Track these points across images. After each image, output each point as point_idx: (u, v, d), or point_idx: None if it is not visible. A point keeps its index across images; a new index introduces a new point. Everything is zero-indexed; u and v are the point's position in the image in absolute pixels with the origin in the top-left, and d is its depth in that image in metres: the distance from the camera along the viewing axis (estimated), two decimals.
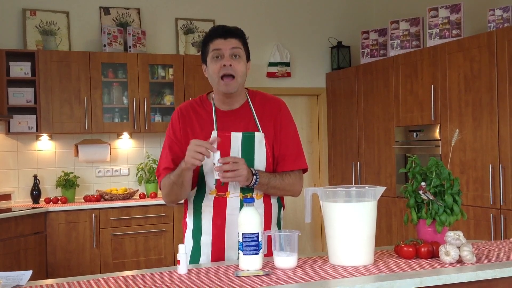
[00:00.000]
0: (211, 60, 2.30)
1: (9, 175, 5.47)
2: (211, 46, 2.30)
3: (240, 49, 2.31)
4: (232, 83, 2.29)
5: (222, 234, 2.33)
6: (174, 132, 2.38)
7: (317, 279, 1.88)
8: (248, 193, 2.32)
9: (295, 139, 2.43)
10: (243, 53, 2.33)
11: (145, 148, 5.92)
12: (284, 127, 2.40)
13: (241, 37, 2.34)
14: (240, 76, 2.30)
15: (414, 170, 2.28)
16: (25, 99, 5.30)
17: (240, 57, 2.30)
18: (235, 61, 2.28)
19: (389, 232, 5.53)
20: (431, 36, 5.06)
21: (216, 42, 2.29)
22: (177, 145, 2.36)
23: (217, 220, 2.33)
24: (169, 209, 5.42)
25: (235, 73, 2.28)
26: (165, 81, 5.81)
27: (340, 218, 2.09)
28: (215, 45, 2.29)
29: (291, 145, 2.40)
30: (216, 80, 2.30)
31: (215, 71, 2.29)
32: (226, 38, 2.28)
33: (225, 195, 2.32)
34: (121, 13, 5.87)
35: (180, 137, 2.36)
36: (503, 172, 4.30)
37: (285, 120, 2.41)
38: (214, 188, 2.32)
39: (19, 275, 1.90)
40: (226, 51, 2.27)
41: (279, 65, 6.40)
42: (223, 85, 2.28)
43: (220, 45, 2.28)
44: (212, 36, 2.31)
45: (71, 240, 5.11)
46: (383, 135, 5.66)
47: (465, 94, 4.65)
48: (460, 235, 2.09)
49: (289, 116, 2.44)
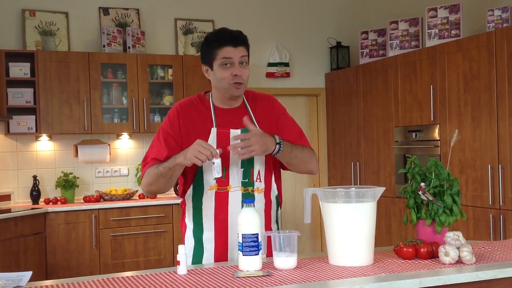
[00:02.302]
0: (219, 66, 2.33)
1: (9, 175, 5.47)
2: (221, 53, 2.31)
3: (247, 56, 2.36)
4: (241, 88, 2.36)
5: (225, 228, 2.34)
6: (172, 126, 2.38)
7: (316, 279, 1.88)
8: (249, 187, 2.35)
9: (294, 125, 2.50)
10: (248, 59, 2.38)
11: (145, 148, 5.92)
12: (280, 118, 2.48)
13: (247, 43, 2.38)
14: (246, 81, 2.37)
15: (413, 171, 2.29)
16: (24, 99, 5.30)
17: (247, 63, 2.36)
18: (243, 68, 2.33)
19: (388, 232, 5.53)
20: (430, 36, 5.07)
21: (226, 50, 2.31)
22: (173, 138, 2.36)
23: (219, 214, 2.35)
24: (169, 210, 5.42)
25: (243, 80, 2.34)
26: (164, 82, 5.81)
27: (339, 218, 2.10)
28: (225, 52, 2.30)
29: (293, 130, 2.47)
30: (226, 85, 2.33)
31: (225, 78, 2.32)
32: (236, 47, 2.31)
33: (226, 189, 2.34)
34: (120, 13, 5.87)
35: (178, 132, 2.37)
36: (502, 172, 4.30)
37: (279, 111, 2.49)
38: (214, 184, 2.34)
39: (19, 276, 1.90)
40: (236, 59, 2.31)
41: (278, 65, 6.40)
42: (234, 89, 2.34)
43: (230, 54, 2.30)
44: (221, 43, 2.31)
45: (71, 241, 5.11)
46: (383, 135, 5.67)
47: (464, 94, 4.66)
48: (460, 236, 2.09)
49: (283, 109, 2.52)
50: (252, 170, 2.36)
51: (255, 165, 2.36)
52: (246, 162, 2.35)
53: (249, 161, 2.35)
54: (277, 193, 2.47)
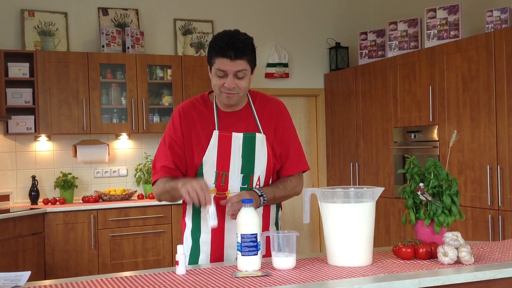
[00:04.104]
0: (214, 74, 2.26)
1: (8, 176, 5.47)
2: (217, 63, 2.22)
3: (245, 70, 2.24)
4: (233, 97, 2.28)
5: (221, 232, 2.34)
6: (175, 131, 2.38)
7: (315, 279, 1.88)
8: None
9: (296, 142, 2.46)
10: (248, 71, 2.27)
11: (144, 148, 5.92)
12: (285, 131, 2.42)
13: (249, 54, 2.24)
14: (242, 91, 2.29)
15: (412, 171, 2.29)
16: (23, 99, 5.30)
17: (244, 76, 2.25)
18: (238, 80, 2.24)
19: (387, 233, 5.54)
20: (429, 37, 5.07)
21: (222, 62, 2.20)
22: (177, 144, 2.36)
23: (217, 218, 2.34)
24: (168, 210, 5.42)
25: (238, 90, 2.27)
26: (163, 82, 5.81)
27: (338, 219, 2.10)
28: (220, 64, 2.21)
29: (292, 149, 2.43)
30: (218, 93, 2.29)
31: (217, 85, 2.27)
32: (234, 60, 2.19)
33: (224, 194, 2.33)
34: (119, 13, 5.87)
35: (181, 137, 2.36)
36: (501, 172, 4.30)
37: (285, 123, 2.43)
38: (213, 187, 2.33)
39: (17, 276, 1.90)
40: (230, 72, 2.21)
41: (277, 66, 6.40)
42: (225, 97, 2.29)
43: (225, 67, 2.20)
44: (219, 52, 2.21)
45: (69, 241, 5.11)
46: (381, 136, 5.67)
47: (463, 95, 4.66)
48: (458, 236, 2.09)
49: (289, 119, 2.46)
50: (252, 176, 2.34)
51: (255, 171, 2.34)
52: (246, 168, 2.33)
53: (250, 168, 2.33)
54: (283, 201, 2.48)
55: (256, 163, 2.33)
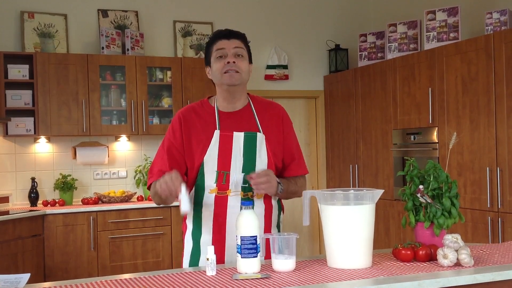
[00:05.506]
0: (215, 59, 2.37)
1: (7, 177, 5.47)
2: (215, 46, 2.37)
3: (243, 48, 2.38)
4: (236, 75, 2.34)
5: (223, 232, 2.34)
6: (174, 134, 2.39)
7: (315, 282, 1.88)
8: (248, 192, 2.34)
9: (297, 147, 2.51)
10: (245, 53, 2.40)
11: (143, 150, 5.92)
12: (287, 136, 2.47)
13: (243, 39, 2.42)
14: (244, 72, 2.37)
15: (412, 173, 2.29)
16: (23, 101, 5.30)
17: (243, 56, 2.38)
18: (238, 59, 2.35)
19: (387, 235, 5.53)
20: (429, 39, 5.07)
21: (219, 43, 2.36)
22: (175, 148, 2.38)
23: (218, 218, 2.35)
24: (167, 212, 5.42)
25: (239, 69, 2.35)
26: (163, 84, 5.81)
27: (338, 221, 2.10)
28: (218, 45, 2.36)
29: (295, 153, 2.48)
30: (221, 76, 2.35)
31: (219, 69, 2.35)
32: (230, 39, 2.36)
33: (226, 193, 2.34)
34: (119, 15, 5.87)
35: (180, 140, 2.38)
36: (500, 174, 4.30)
37: (287, 128, 2.48)
38: (214, 187, 2.34)
39: (17, 278, 1.90)
40: (229, 50, 2.35)
41: (277, 68, 6.40)
42: (228, 76, 2.34)
43: (223, 45, 2.35)
44: (215, 38, 2.39)
45: (69, 243, 5.10)
46: (381, 138, 5.67)
47: (462, 97, 4.66)
48: (458, 238, 2.09)
49: (290, 124, 2.52)
50: None
51: (256, 170, 2.35)
52: (248, 168, 2.34)
53: (251, 167, 2.34)
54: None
55: (257, 162, 2.35)
